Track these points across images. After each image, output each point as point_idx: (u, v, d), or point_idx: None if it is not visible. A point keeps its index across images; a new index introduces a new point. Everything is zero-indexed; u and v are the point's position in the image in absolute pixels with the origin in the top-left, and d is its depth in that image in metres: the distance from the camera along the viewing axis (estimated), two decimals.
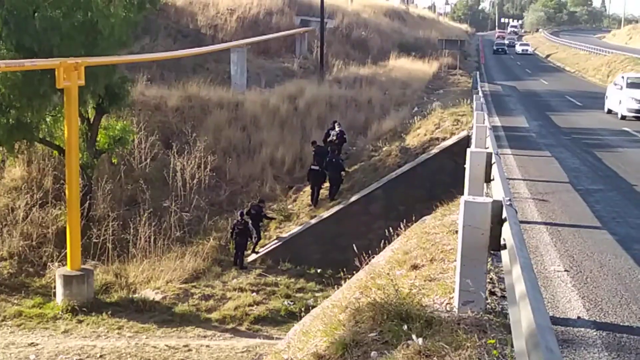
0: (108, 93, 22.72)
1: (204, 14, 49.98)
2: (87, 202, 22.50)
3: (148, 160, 26.40)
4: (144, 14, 25.45)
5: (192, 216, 24.49)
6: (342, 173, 24.63)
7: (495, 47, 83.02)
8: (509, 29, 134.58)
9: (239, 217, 21.63)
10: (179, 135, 28.82)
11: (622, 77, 27.65)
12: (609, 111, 27.62)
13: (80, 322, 17.52)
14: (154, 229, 22.13)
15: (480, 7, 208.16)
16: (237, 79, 38.34)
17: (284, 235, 23.05)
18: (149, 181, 25.42)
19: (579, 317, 6.25)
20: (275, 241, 22.81)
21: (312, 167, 24.56)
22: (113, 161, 25.43)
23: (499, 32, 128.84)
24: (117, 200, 24.28)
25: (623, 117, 25.52)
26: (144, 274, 20.27)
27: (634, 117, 25.15)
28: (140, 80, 32.07)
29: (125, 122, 25.01)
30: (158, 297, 18.97)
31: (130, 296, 19.02)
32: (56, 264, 20.73)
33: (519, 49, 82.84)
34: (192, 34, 47.37)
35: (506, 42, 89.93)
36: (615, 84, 27.59)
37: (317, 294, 19.21)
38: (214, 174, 26.87)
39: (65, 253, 19.65)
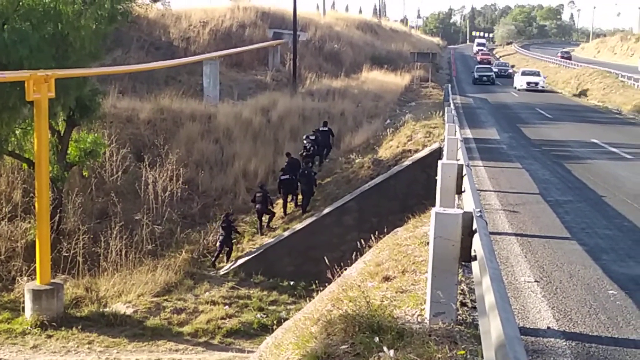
0: (79, 105, 22.51)
1: (177, 26, 49.92)
2: (57, 215, 22.22)
3: (119, 173, 26.20)
4: (115, 27, 25.27)
5: (164, 229, 24.30)
6: (315, 186, 24.67)
7: (476, 75, 56.10)
8: (476, 47, 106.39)
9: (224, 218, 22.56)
10: (151, 147, 28.65)
11: None
12: None
13: (49, 337, 17.25)
14: (126, 242, 21.93)
15: (452, 21, 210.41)
16: (210, 92, 38.24)
17: (257, 247, 22.97)
18: (121, 194, 25.22)
19: (548, 328, 6.30)
20: (248, 253, 22.71)
21: (282, 177, 24.58)
22: (84, 174, 25.18)
23: (480, 49, 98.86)
24: (87, 214, 24.03)
25: None
26: (115, 287, 20.04)
27: None
28: (111, 93, 31.82)
29: (96, 134, 24.80)
30: (129, 311, 18.76)
31: (101, 310, 18.76)
32: (25, 278, 20.42)
33: (521, 81, 49.88)
34: (164, 47, 47.24)
35: (494, 68, 62.37)
36: None
37: (290, 307, 19.15)
38: (186, 186, 26.74)
39: (35, 267, 19.37)
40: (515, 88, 50.05)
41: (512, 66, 70.47)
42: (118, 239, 21.78)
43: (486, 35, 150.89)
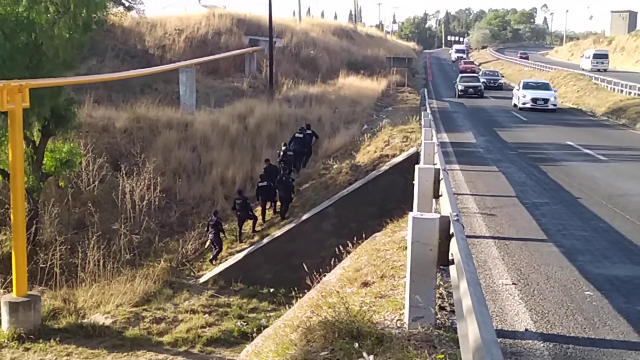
0: (54, 115, 22.34)
1: (152, 34, 49.76)
2: (34, 226, 22.02)
3: (96, 182, 26.03)
4: (90, 35, 25.13)
5: (142, 238, 24.17)
6: (292, 192, 24.68)
7: (461, 87, 46.85)
8: (455, 54, 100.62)
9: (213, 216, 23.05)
10: (127, 156, 28.51)
11: None
12: None
13: (27, 349, 17.03)
14: (103, 252, 21.76)
15: (427, 25, 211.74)
16: (186, 99, 38.14)
17: (236, 255, 22.90)
18: (98, 204, 25.05)
19: (526, 330, 6.34)
20: (227, 261, 22.65)
21: (260, 184, 24.57)
22: (60, 184, 24.97)
23: (460, 57, 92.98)
24: (64, 224, 23.84)
25: None
26: (93, 298, 19.87)
27: None
28: (87, 102, 31.66)
29: (72, 144, 24.61)
30: (108, 322, 18.60)
31: (80, 321, 18.58)
32: (1, 290, 20.18)
33: (523, 97, 37.26)
34: (139, 55, 47.08)
35: (481, 78, 52.42)
36: None
37: (270, 314, 19.10)
38: (164, 195, 26.64)
39: (11, 279, 19.15)
40: (515, 106, 38.28)
41: (502, 75, 59.91)
42: (96, 249, 21.61)
43: (461, 39, 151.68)
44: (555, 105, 37.13)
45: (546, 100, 36.70)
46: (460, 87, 47.12)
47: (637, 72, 61.60)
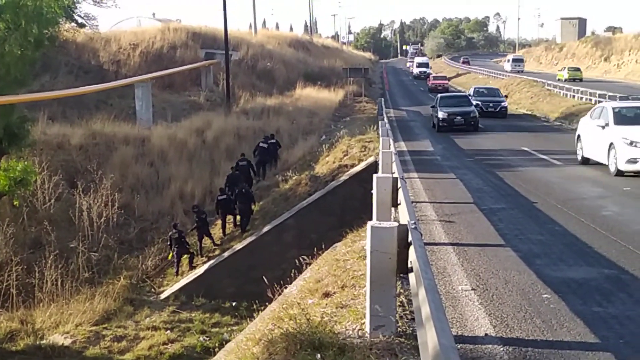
0: (7, 133, 21.99)
1: (106, 49, 49.30)
2: None
3: (52, 200, 25.61)
4: (42, 51, 24.81)
5: (100, 256, 23.84)
6: (253, 204, 24.62)
7: (442, 116, 30.78)
8: (416, 69, 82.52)
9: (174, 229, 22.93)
10: (84, 173, 28.13)
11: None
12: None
13: None
14: (61, 272, 21.40)
15: (382, 35, 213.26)
16: (143, 114, 37.81)
17: (197, 269, 22.72)
18: (54, 222, 24.64)
19: (486, 334, 6.40)
20: (189, 276, 22.45)
21: (219, 197, 24.48)
22: (15, 203, 24.49)
23: (424, 72, 78.14)
24: (20, 244, 23.37)
25: (620, 173, 16.55)
26: (51, 318, 19.52)
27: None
28: (41, 119, 31.18)
29: (26, 162, 24.17)
30: (67, 342, 18.29)
31: (38, 342, 18.23)
32: None
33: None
34: (94, 70, 46.61)
35: (474, 100, 35.55)
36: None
37: (232, 328, 18.95)
38: (122, 211, 26.32)
39: None
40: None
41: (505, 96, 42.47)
42: (53, 268, 21.26)
43: (417, 48, 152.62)
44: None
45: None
46: (440, 115, 30.43)
47: (588, 78, 62.87)
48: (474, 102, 34.09)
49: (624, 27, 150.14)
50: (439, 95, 34.98)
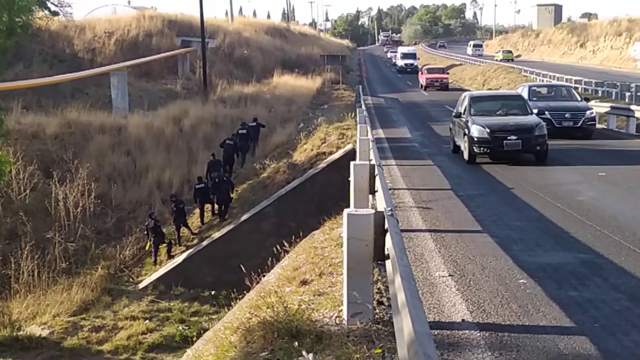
0: None
1: (81, 37, 48.76)
2: None
3: (28, 191, 25.32)
4: (15, 40, 24.44)
5: (77, 246, 23.65)
6: (231, 192, 24.56)
7: (476, 132, 17.04)
8: (401, 61, 70.22)
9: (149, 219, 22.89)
10: (59, 163, 27.84)
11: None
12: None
13: None
14: (38, 262, 21.22)
15: (360, 23, 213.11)
16: (119, 103, 37.51)
17: (176, 258, 22.64)
18: (30, 213, 24.40)
19: (463, 320, 6.43)
20: (167, 265, 22.37)
21: (197, 186, 24.40)
22: None
23: (410, 63, 68.31)
24: None
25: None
26: (28, 309, 19.38)
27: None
28: (15, 109, 30.77)
29: (0, 152, 23.89)
30: (45, 333, 18.17)
31: (15, 334, 18.10)
32: None
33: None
34: (69, 59, 46.09)
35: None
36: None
37: (212, 317, 18.91)
38: (99, 201, 26.11)
39: None
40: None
41: None
42: (29, 259, 21.07)
43: (395, 35, 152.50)
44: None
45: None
46: (476, 132, 17.25)
47: (564, 63, 63.29)
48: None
49: (599, 13, 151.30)
50: (467, 94, 20.55)
